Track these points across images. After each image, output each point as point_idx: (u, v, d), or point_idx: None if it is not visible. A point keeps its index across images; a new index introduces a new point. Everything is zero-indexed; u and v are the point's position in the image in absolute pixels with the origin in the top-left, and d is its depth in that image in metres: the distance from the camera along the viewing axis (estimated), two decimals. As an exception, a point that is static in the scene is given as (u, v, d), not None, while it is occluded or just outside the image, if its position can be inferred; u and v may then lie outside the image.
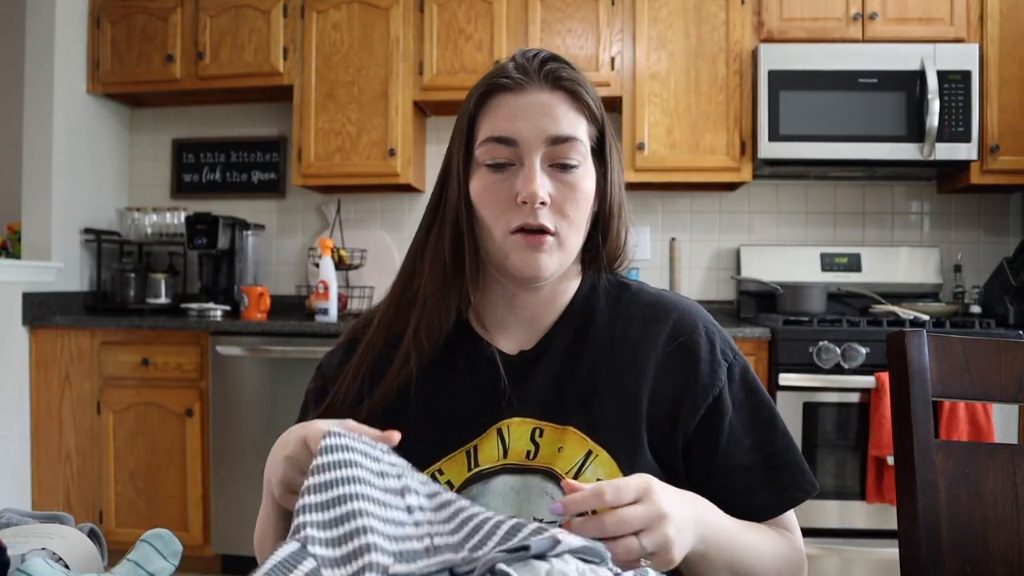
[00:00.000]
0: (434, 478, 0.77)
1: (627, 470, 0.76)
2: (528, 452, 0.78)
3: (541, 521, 0.62)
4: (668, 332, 0.83)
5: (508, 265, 0.79)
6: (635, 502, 0.62)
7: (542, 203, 0.76)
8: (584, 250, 0.86)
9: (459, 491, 0.77)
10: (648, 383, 0.80)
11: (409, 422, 0.80)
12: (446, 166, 0.85)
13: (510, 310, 0.85)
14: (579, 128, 0.79)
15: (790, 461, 0.82)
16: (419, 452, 0.78)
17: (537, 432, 0.78)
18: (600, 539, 0.57)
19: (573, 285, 0.87)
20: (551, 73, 0.79)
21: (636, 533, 0.61)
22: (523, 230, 0.77)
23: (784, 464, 0.82)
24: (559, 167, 0.78)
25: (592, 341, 0.83)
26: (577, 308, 0.86)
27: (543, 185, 0.77)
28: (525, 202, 0.76)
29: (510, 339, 0.85)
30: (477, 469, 0.78)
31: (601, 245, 0.86)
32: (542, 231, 0.77)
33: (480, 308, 0.86)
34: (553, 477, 0.76)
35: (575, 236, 0.80)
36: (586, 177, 0.80)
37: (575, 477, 0.75)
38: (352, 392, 0.83)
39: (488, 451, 0.78)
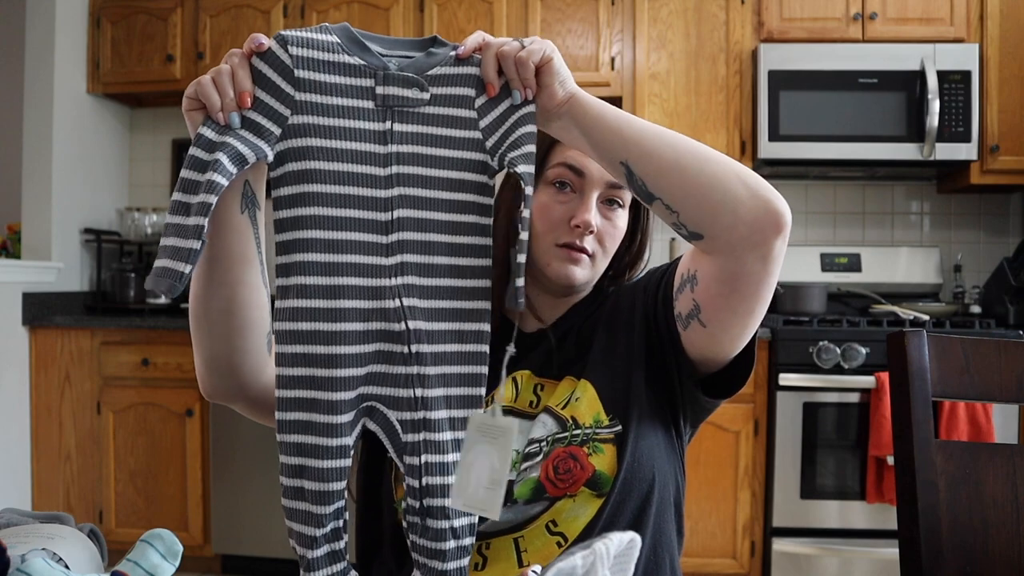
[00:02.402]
0: None
1: (606, 392, 0.88)
2: (531, 402, 0.92)
3: (535, 439, 0.86)
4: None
5: (548, 272, 0.92)
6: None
7: (590, 232, 0.90)
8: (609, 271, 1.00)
9: None
10: (609, 309, 0.95)
11: None
12: None
13: (543, 294, 0.98)
14: None
15: None
16: None
17: (539, 386, 0.92)
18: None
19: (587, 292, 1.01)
20: None
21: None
22: (568, 246, 0.90)
23: None
24: (608, 204, 0.93)
25: (597, 315, 0.97)
26: (589, 300, 0.99)
27: (595, 217, 0.91)
28: (578, 227, 0.89)
29: (531, 322, 0.99)
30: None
31: (628, 269, 1.01)
32: (582, 251, 0.91)
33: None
34: (548, 410, 0.89)
35: (604, 261, 0.95)
36: (624, 218, 0.95)
37: (564, 407, 0.88)
38: None
39: (506, 392, 0.92)
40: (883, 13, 2.75)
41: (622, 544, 0.52)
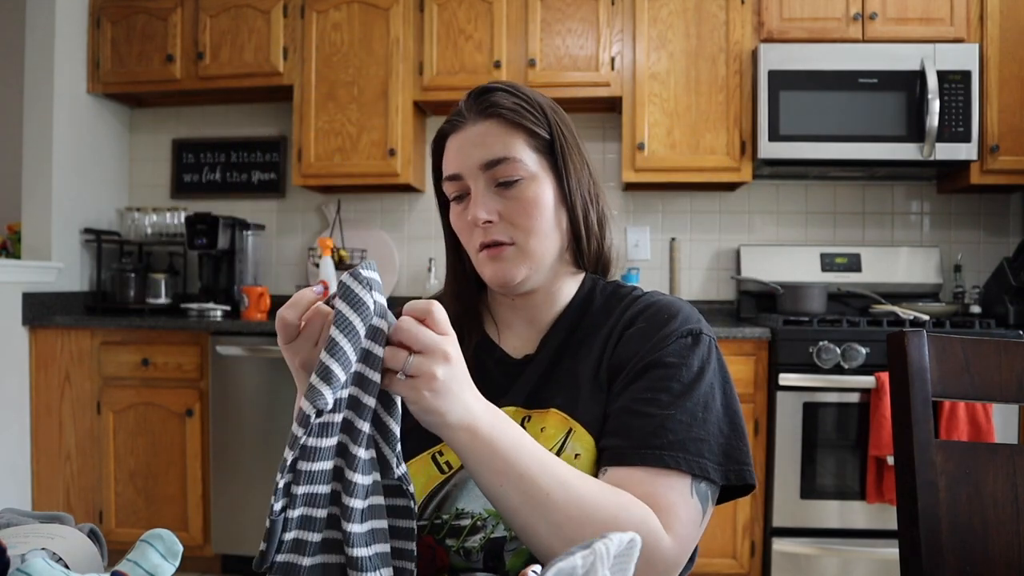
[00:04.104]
0: (435, 458, 0.85)
1: (599, 440, 0.82)
2: None
3: None
4: (644, 313, 0.88)
5: (487, 280, 0.90)
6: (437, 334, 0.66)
7: (488, 222, 0.86)
8: (577, 255, 0.94)
9: (458, 470, 0.84)
10: (610, 352, 0.86)
11: None
12: None
13: (513, 312, 0.95)
14: (513, 148, 0.87)
15: (681, 434, 0.76)
16: (425, 433, 0.84)
17: (525, 419, 0.86)
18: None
19: (570, 289, 0.94)
20: (480, 105, 0.89)
21: (412, 352, 0.64)
22: (484, 246, 0.88)
23: (670, 430, 0.76)
24: (502, 185, 0.87)
25: (581, 336, 0.90)
26: (573, 310, 0.93)
27: (486, 206, 0.86)
28: (476, 225, 0.87)
29: (517, 338, 0.94)
30: None
31: (575, 247, 0.93)
32: (498, 244, 0.87)
33: (492, 311, 0.98)
34: None
35: (537, 242, 0.87)
36: (532, 187, 0.87)
37: (558, 454, 0.80)
38: None
39: None
40: (883, 13, 2.75)
41: (622, 544, 0.52)
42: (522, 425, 0.85)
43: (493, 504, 0.70)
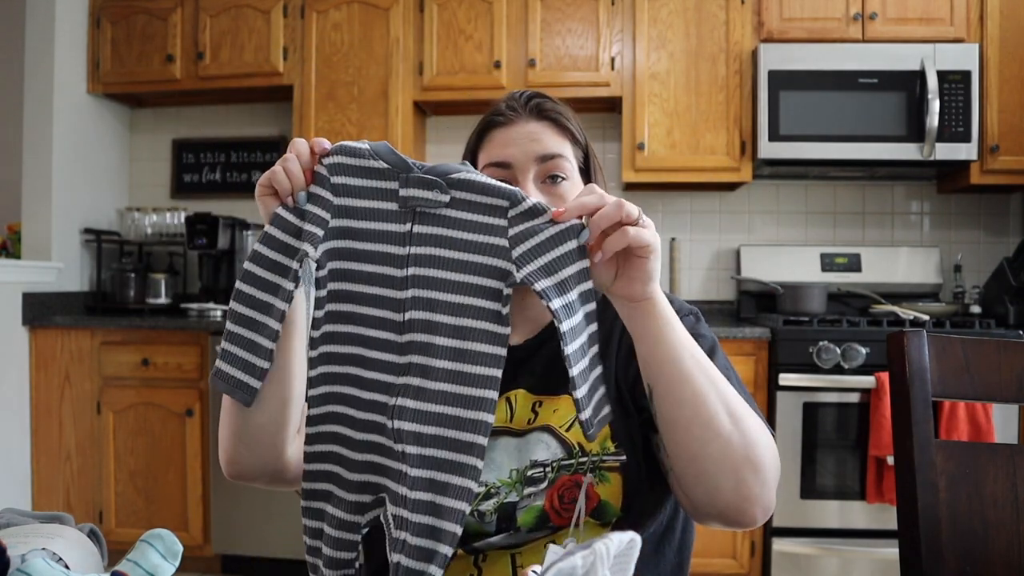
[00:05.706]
0: None
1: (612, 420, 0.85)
2: (528, 419, 0.88)
3: (539, 463, 0.83)
4: None
5: None
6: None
7: None
8: None
9: None
10: (619, 335, 0.90)
11: None
12: None
13: (518, 311, 0.94)
14: (565, 148, 0.92)
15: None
16: None
17: (537, 403, 0.89)
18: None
19: None
20: (536, 107, 0.93)
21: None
22: None
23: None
24: (550, 180, 0.90)
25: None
26: None
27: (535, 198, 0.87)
28: None
29: (516, 334, 0.95)
30: None
31: None
32: None
33: None
34: (548, 429, 0.86)
35: None
36: (574, 190, 0.91)
37: (567, 430, 0.85)
38: None
39: (499, 413, 0.88)
40: (883, 13, 2.75)
41: (622, 544, 0.52)
42: (533, 410, 0.88)
43: (666, 373, 0.73)
